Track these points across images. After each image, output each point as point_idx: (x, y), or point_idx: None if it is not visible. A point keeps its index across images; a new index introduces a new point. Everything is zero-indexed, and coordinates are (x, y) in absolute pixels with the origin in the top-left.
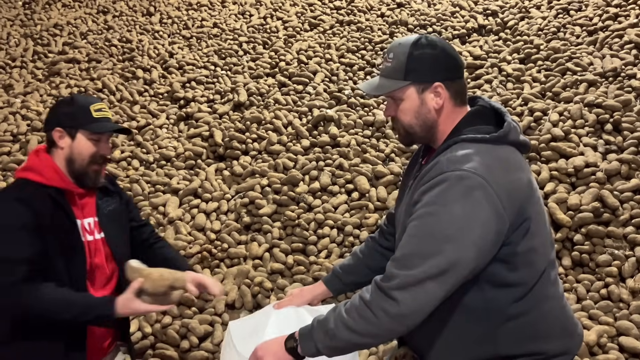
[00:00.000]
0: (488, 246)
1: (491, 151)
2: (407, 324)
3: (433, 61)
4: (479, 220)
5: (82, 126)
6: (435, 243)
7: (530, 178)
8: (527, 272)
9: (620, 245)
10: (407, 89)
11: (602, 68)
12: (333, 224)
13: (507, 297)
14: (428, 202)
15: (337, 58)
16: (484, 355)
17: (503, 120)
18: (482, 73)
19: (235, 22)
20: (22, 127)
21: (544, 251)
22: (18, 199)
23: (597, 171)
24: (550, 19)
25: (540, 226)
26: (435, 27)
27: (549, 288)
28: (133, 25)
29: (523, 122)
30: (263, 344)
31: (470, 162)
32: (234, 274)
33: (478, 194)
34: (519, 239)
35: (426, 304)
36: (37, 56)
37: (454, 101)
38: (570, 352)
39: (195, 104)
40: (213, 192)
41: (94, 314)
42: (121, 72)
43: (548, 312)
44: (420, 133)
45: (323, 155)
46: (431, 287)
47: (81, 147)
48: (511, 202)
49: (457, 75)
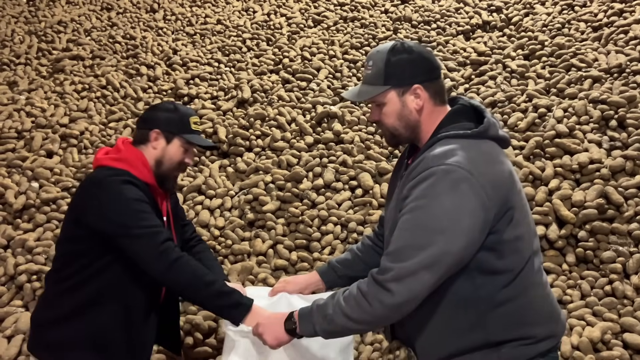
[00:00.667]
0: (476, 235)
1: (473, 146)
2: (402, 311)
3: (410, 65)
4: (467, 210)
5: (180, 134)
6: (427, 235)
7: (511, 170)
8: (514, 259)
9: (624, 241)
10: (388, 93)
11: (607, 64)
12: (337, 220)
13: (495, 284)
14: (417, 196)
15: (341, 54)
16: (475, 342)
17: (483, 117)
18: (486, 69)
19: (239, 19)
20: (26, 123)
21: (529, 239)
22: (135, 184)
23: (602, 167)
24: (554, 15)
25: (523, 215)
26: (439, 23)
27: (534, 275)
28: (137, 22)
29: (527, 119)
30: (262, 320)
31: (454, 157)
32: (237, 270)
33: (464, 186)
34: (504, 227)
35: (420, 292)
36: (41, 53)
37: (433, 101)
38: (556, 336)
39: (199, 100)
40: (217, 188)
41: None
42: (125, 68)
43: (534, 299)
44: (404, 134)
45: (327, 151)
46: (425, 276)
47: (173, 152)
48: (495, 193)
49: (435, 76)
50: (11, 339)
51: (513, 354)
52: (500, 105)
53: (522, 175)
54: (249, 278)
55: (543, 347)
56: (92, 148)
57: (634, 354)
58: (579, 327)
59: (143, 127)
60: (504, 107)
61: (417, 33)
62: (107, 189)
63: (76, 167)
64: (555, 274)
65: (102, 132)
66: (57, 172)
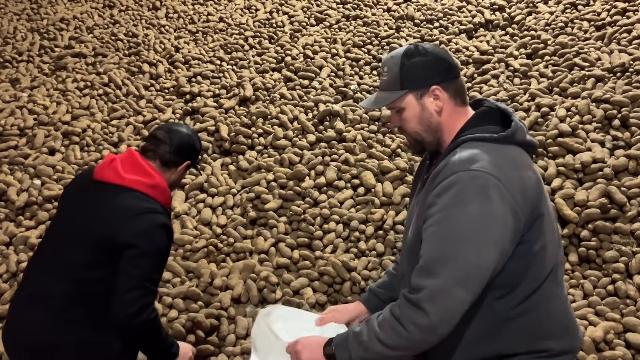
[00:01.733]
0: (507, 245)
1: (500, 150)
2: (439, 333)
3: (426, 66)
4: (496, 218)
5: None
6: (455, 246)
7: (539, 177)
8: (536, 270)
9: (627, 241)
10: (406, 97)
11: (610, 63)
12: (339, 219)
13: (514, 296)
14: (443, 206)
15: (343, 53)
16: (486, 353)
17: (510, 121)
18: (489, 68)
19: (241, 17)
20: (28, 121)
21: (553, 249)
22: (169, 230)
23: (605, 167)
24: (557, 13)
25: (550, 223)
26: (442, 21)
27: (554, 288)
28: (139, 20)
29: (530, 118)
30: (303, 340)
31: (480, 162)
32: (239, 269)
33: (492, 192)
34: (533, 237)
35: (456, 311)
36: (44, 50)
37: (454, 101)
38: (573, 352)
39: (201, 98)
40: (219, 186)
41: (175, 348)
42: (127, 66)
43: (553, 313)
44: (427, 138)
45: (329, 150)
46: (458, 293)
47: (180, 177)
48: (524, 200)
49: (453, 76)
50: None
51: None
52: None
53: None
54: (251, 276)
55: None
56: (94, 146)
57: (636, 354)
58: (581, 327)
59: (178, 156)
60: (507, 106)
61: (419, 32)
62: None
63: (78, 165)
64: None
65: (104, 129)
66: (59, 169)
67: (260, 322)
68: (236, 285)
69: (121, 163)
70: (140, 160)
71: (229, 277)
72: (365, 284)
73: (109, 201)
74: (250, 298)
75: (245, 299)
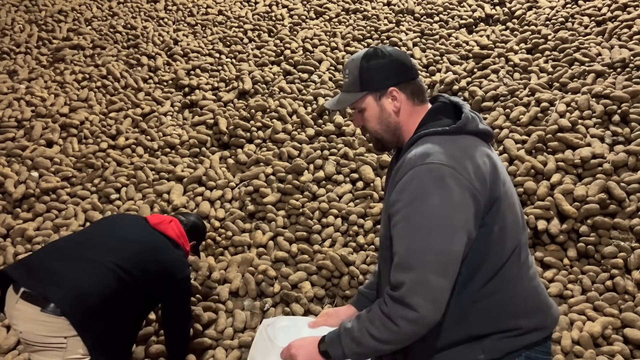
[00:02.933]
0: (472, 228)
1: (453, 141)
2: (428, 324)
3: (384, 69)
4: (458, 205)
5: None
6: (424, 238)
7: (495, 162)
8: (497, 252)
9: (626, 237)
10: (366, 99)
11: (610, 59)
12: (337, 213)
13: (478, 279)
14: (407, 202)
15: (343, 46)
16: (458, 336)
17: (462, 113)
18: (489, 63)
19: (241, 10)
20: (26, 113)
21: (514, 230)
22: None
23: (604, 162)
24: (558, 8)
25: (509, 205)
26: (442, 16)
27: (519, 268)
28: (138, 12)
29: (530, 113)
30: (297, 341)
31: (435, 154)
32: (238, 262)
33: (450, 181)
34: (492, 220)
35: (439, 298)
36: (42, 42)
37: (412, 101)
38: (545, 328)
39: (200, 91)
40: (217, 180)
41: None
42: (126, 58)
43: (519, 293)
44: (387, 137)
45: (328, 144)
46: (435, 281)
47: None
48: (482, 185)
49: (410, 77)
50: (10, 328)
51: (497, 346)
52: (503, 99)
53: (524, 170)
54: (249, 270)
55: (531, 338)
56: (92, 138)
57: (634, 349)
58: (579, 322)
59: (193, 240)
60: (507, 100)
61: (419, 26)
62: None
63: (76, 157)
64: (556, 268)
65: (102, 122)
66: (57, 161)
67: (262, 332)
68: (234, 278)
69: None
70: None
71: (227, 271)
72: (364, 278)
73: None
74: (249, 291)
75: (243, 292)
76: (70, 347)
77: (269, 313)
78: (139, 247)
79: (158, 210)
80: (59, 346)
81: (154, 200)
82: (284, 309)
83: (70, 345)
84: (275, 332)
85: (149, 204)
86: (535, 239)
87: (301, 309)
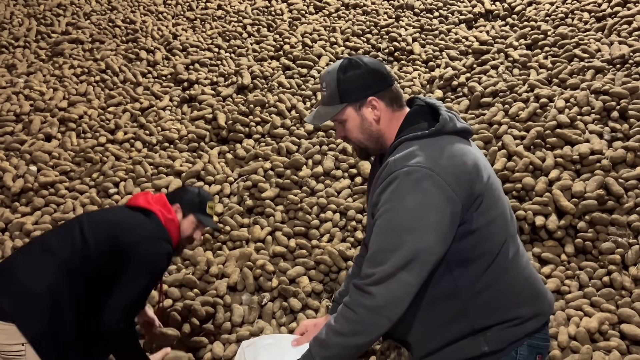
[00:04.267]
0: (446, 229)
1: (433, 143)
2: (387, 315)
3: (361, 79)
4: (432, 206)
5: (196, 213)
6: (396, 236)
7: (476, 159)
8: (488, 244)
9: (623, 233)
10: (346, 110)
11: (609, 55)
12: (336, 208)
13: (473, 272)
14: (385, 201)
15: (342, 42)
16: (461, 331)
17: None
18: (489, 58)
19: (240, 4)
20: (25, 107)
21: (502, 223)
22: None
23: (603, 158)
24: (558, 4)
25: (494, 201)
26: (442, 11)
27: (512, 259)
28: (137, 6)
29: (529, 109)
30: None
31: (415, 158)
32: (236, 257)
33: (426, 183)
34: (474, 217)
35: (401, 293)
36: (41, 36)
37: (391, 108)
38: (544, 314)
39: (199, 86)
40: (216, 174)
41: None
42: (125, 53)
43: (514, 282)
44: (371, 145)
45: (327, 139)
46: (403, 277)
47: (186, 226)
48: (460, 185)
49: (387, 85)
50: None
51: (500, 336)
52: (502, 94)
53: (523, 165)
54: (247, 264)
55: (531, 326)
56: (91, 132)
57: (631, 345)
58: (576, 318)
59: (174, 201)
60: (506, 96)
61: (419, 21)
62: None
63: (75, 151)
64: (553, 264)
65: (101, 116)
66: (56, 155)
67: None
68: (232, 273)
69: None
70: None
71: (225, 265)
72: None
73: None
74: (247, 286)
75: (241, 287)
76: (28, 354)
77: (267, 307)
78: (101, 224)
79: None
80: (18, 354)
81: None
82: (281, 304)
83: (29, 351)
84: (258, 350)
85: None
86: (533, 235)
87: (299, 303)
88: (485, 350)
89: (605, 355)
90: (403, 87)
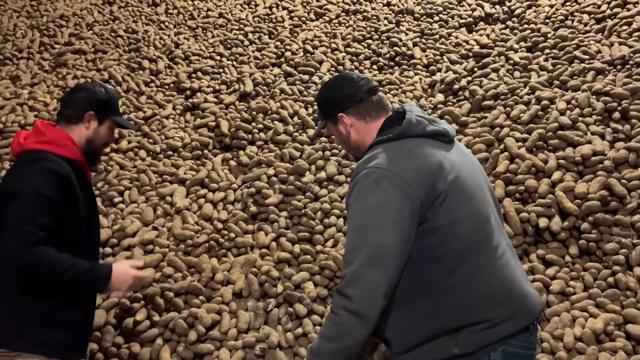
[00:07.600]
0: (407, 225)
1: (396, 146)
2: (366, 315)
3: (328, 100)
4: (391, 204)
5: (112, 116)
6: (360, 235)
7: (441, 160)
8: (454, 243)
9: (627, 233)
10: (328, 125)
11: (610, 56)
12: (339, 213)
13: (441, 271)
14: (350, 204)
15: (343, 47)
16: (434, 331)
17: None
18: (489, 62)
19: (241, 12)
20: (29, 118)
21: (471, 224)
22: (56, 172)
23: (605, 159)
24: (557, 6)
25: (462, 199)
26: (442, 15)
27: (484, 260)
28: (139, 16)
29: (530, 111)
30: None
31: (375, 160)
32: (241, 263)
33: (385, 182)
34: (436, 215)
35: (374, 292)
36: (44, 47)
37: (364, 120)
38: (519, 317)
39: (202, 94)
40: (220, 182)
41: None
42: (127, 62)
43: (485, 284)
44: (355, 154)
45: (329, 145)
46: (371, 274)
47: (103, 133)
48: (419, 183)
49: (357, 99)
50: None
51: (471, 339)
52: (503, 97)
53: (525, 168)
54: (252, 271)
55: (504, 330)
56: None
57: (636, 345)
58: (581, 319)
59: (76, 107)
60: (507, 99)
61: (419, 26)
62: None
63: None
64: (558, 265)
65: None
66: None
67: None
68: (237, 279)
69: (22, 133)
70: (37, 124)
71: (230, 272)
72: None
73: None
74: (252, 292)
75: (246, 293)
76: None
77: (273, 313)
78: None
79: (161, 212)
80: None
81: (157, 203)
82: (287, 309)
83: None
84: None
85: (152, 206)
86: (536, 237)
87: (304, 309)
88: (456, 352)
89: (611, 356)
90: (404, 91)
